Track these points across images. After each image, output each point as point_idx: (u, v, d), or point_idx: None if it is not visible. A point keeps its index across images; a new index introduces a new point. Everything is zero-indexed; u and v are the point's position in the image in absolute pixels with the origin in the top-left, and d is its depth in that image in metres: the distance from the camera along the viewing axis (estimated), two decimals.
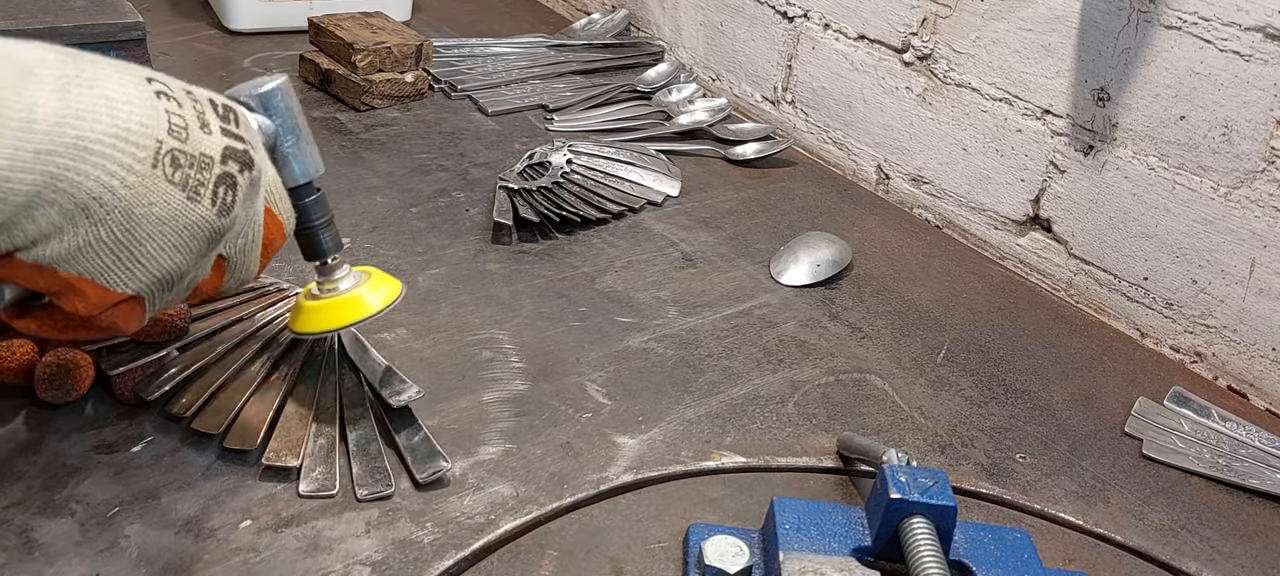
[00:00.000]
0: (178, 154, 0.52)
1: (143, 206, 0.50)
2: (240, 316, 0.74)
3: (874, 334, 0.92)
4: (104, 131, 0.48)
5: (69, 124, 0.47)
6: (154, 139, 0.51)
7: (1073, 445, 0.82)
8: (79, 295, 0.52)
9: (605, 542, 0.65)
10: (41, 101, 0.46)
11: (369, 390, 0.72)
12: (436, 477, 0.67)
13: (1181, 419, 0.86)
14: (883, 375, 0.86)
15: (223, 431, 0.67)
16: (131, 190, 0.50)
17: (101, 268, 0.51)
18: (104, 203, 0.49)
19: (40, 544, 0.58)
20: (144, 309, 0.54)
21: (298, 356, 0.73)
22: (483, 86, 1.30)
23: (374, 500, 0.65)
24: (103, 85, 0.49)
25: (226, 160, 0.54)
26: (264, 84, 0.63)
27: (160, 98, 0.52)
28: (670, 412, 0.77)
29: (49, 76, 0.47)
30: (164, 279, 0.53)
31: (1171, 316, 0.99)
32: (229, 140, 0.55)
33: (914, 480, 0.63)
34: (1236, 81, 0.90)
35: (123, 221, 0.50)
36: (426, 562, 0.61)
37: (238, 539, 0.61)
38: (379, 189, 1.03)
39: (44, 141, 0.46)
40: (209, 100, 0.56)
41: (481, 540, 0.63)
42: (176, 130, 0.52)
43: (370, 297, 0.68)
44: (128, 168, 0.49)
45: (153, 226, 0.51)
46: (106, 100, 0.49)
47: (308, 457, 0.66)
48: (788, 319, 0.92)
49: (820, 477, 0.74)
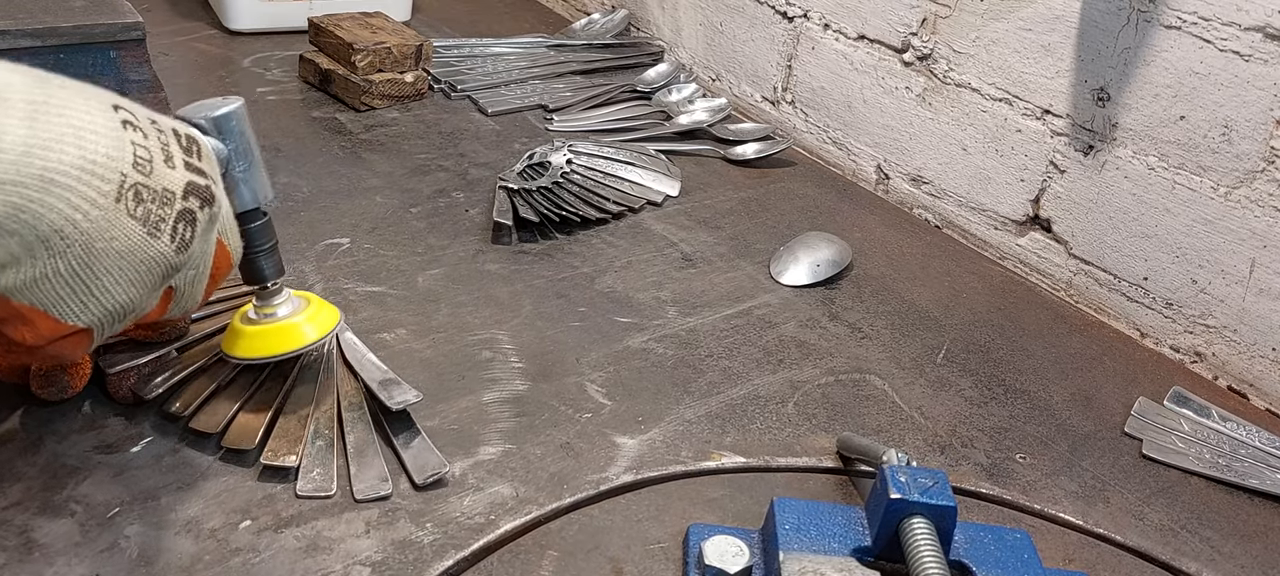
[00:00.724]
0: (141, 188, 0.51)
1: (103, 240, 0.50)
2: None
3: (874, 334, 0.92)
4: (71, 163, 0.48)
5: (36, 154, 0.46)
6: (118, 172, 0.50)
7: (1073, 445, 0.82)
8: (28, 325, 0.51)
9: (605, 543, 0.65)
10: (9, 128, 0.46)
11: (367, 392, 0.72)
12: (435, 481, 0.67)
13: (1181, 419, 0.86)
14: (883, 375, 0.86)
15: (221, 431, 0.67)
16: (93, 224, 0.49)
17: (55, 299, 0.50)
18: (65, 235, 0.48)
19: (40, 544, 0.58)
20: (91, 340, 0.54)
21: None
22: (483, 86, 1.30)
23: (372, 500, 0.65)
24: (71, 113, 0.49)
25: (188, 196, 0.54)
26: (220, 107, 0.63)
27: (126, 127, 0.51)
28: (670, 413, 0.77)
29: (18, 101, 0.46)
30: (115, 312, 0.53)
31: (1171, 316, 0.99)
32: (192, 175, 0.55)
33: (914, 480, 0.63)
34: (1236, 81, 0.90)
35: (82, 255, 0.50)
36: (426, 563, 0.61)
37: (237, 539, 0.61)
38: (378, 189, 1.03)
39: (10, 171, 0.46)
40: (173, 131, 0.56)
41: (481, 540, 0.63)
42: (141, 163, 0.51)
43: (307, 328, 0.68)
44: (91, 202, 0.49)
45: (111, 260, 0.51)
46: (74, 130, 0.48)
47: (306, 457, 0.66)
48: (787, 319, 0.92)
49: (820, 478, 0.74)
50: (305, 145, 1.09)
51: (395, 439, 0.69)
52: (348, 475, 0.66)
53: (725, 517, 0.68)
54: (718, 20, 1.41)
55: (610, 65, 1.42)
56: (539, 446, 0.72)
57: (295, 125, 1.13)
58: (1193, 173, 0.94)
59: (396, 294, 0.87)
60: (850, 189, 1.21)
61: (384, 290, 0.87)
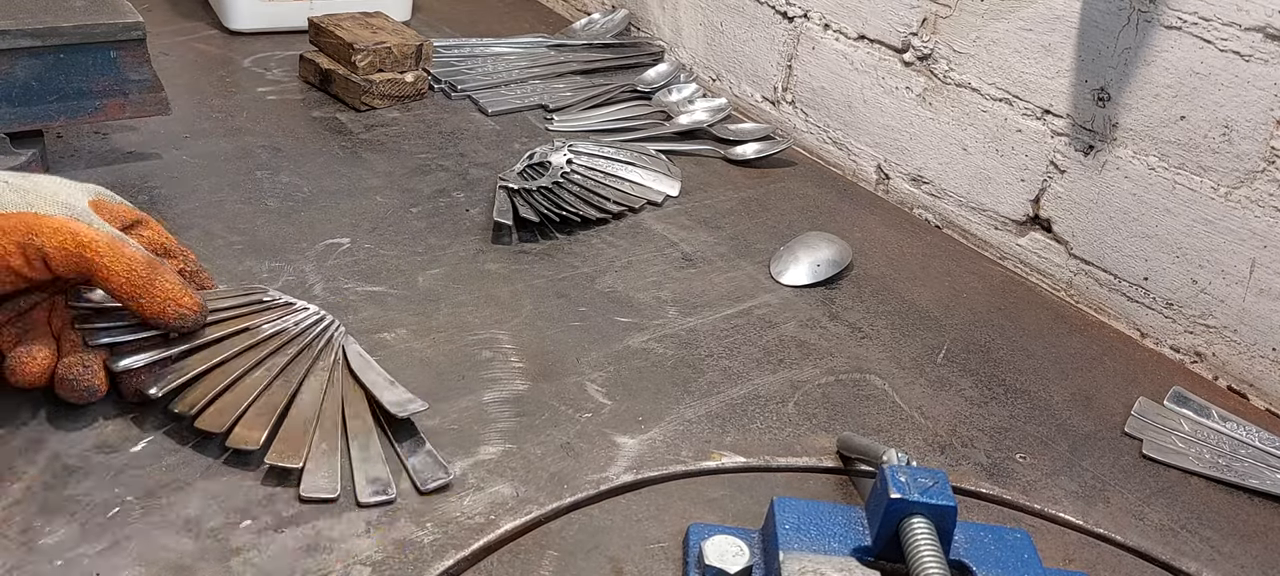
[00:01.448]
0: None
1: None
2: (246, 326, 0.74)
3: (874, 334, 0.92)
4: None
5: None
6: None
7: (1073, 445, 0.82)
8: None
9: (605, 542, 0.65)
10: None
11: (370, 397, 0.72)
12: (438, 488, 0.67)
13: (1181, 419, 0.86)
14: (883, 375, 0.86)
15: (226, 431, 0.67)
16: None
17: None
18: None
19: (40, 544, 0.58)
20: None
21: (302, 362, 0.73)
22: (483, 86, 1.30)
23: (375, 503, 0.65)
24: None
25: None
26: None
27: None
28: (670, 412, 0.77)
29: None
30: None
31: (1171, 316, 0.99)
32: None
33: (914, 480, 0.63)
34: (1236, 81, 0.90)
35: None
36: (426, 563, 0.61)
37: (237, 538, 0.61)
38: (379, 189, 1.03)
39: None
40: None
41: (481, 540, 0.63)
42: None
43: None
44: None
45: None
46: None
47: (309, 459, 0.66)
48: (788, 319, 0.92)
49: (820, 477, 0.74)
50: (305, 145, 1.09)
51: (399, 447, 0.69)
52: (351, 476, 0.66)
53: (725, 517, 0.68)
54: (718, 20, 1.41)
55: (610, 65, 1.42)
56: (539, 446, 0.72)
57: (295, 125, 1.13)
58: (1193, 173, 0.94)
59: (396, 293, 0.87)
60: (850, 189, 1.21)
61: (384, 289, 0.87)
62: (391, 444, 0.69)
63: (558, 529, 0.65)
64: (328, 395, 0.71)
